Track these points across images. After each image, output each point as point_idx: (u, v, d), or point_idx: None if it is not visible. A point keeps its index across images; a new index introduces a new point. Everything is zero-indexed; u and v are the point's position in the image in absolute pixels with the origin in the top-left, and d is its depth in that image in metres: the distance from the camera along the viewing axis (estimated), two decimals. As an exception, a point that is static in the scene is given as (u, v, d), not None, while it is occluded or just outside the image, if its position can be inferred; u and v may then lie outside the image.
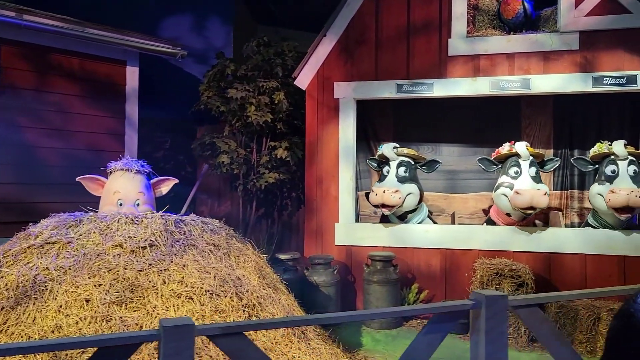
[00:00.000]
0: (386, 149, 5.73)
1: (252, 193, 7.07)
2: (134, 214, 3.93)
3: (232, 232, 4.47)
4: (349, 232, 5.87)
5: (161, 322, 1.80)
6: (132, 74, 6.25)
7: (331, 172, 5.97)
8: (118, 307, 3.32)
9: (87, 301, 3.30)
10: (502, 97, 5.80)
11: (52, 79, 5.73)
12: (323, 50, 5.99)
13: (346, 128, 5.92)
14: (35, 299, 3.29)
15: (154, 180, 4.46)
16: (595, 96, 5.93)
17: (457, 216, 6.60)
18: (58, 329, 3.17)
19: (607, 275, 5.16)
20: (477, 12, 5.90)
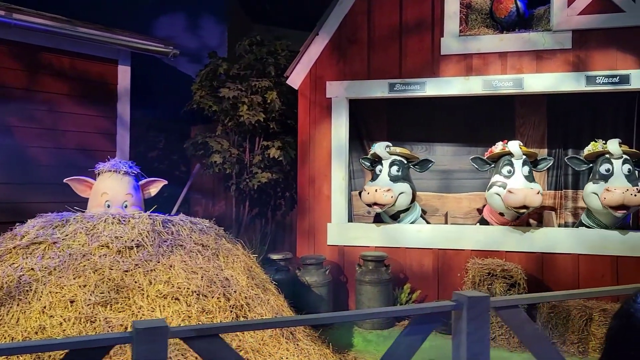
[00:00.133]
0: (379, 148, 5.70)
1: (245, 193, 7.04)
2: (121, 214, 3.90)
3: (221, 232, 4.44)
4: (341, 232, 5.84)
5: (134, 324, 1.77)
6: (124, 73, 6.22)
7: (324, 172, 5.94)
8: (103, 308, 3.29)
9: (71, 302, 3.26)
10: (496, 96, 5.77)
11: (43, 78, 5.69)
12: (315, 49, 5.97)
13: (338, 127, 5.89)
14: (20, 299, 3.26)
15: (142, 181, 4.43)
16: (589, 95, 5.91)
17: (451, 216, 6.58)
18: (42, 330, 3.14)
19: (600, 276, 5.14)
20: (470, 10, 5.87)
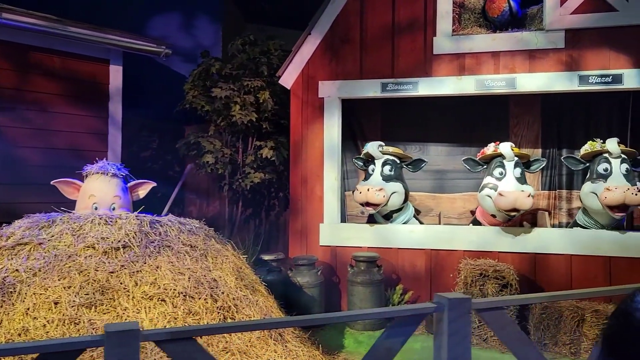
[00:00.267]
0: (371, 148, 5.67)
1: (238, 193, 7.01)
2: (108, 214, 3.87)
3: (211, 232, 4.40)
4: (333, 232, 5.81)
5: (106, 328, 1.74)
6: (116, 72, 6.18)
7: (316, 172, 5.91)
8: (87, 310, 3.26)
9: (55, 303, 3.23)
10: (490, 96, 5.74)
11: (34, 78, 5.66)
12: (307, 49, 5.94)
13: (331, 127, 5.86)
14: (3, 301, 3.23)
15: (131, 183, 4.40)
16: (583, 95, 5.89)
17: (445, 216, 6.55)
18: (25, 332, 3.11)
19: (592, 276, 5.11)
20: (463, 10, 5.85)
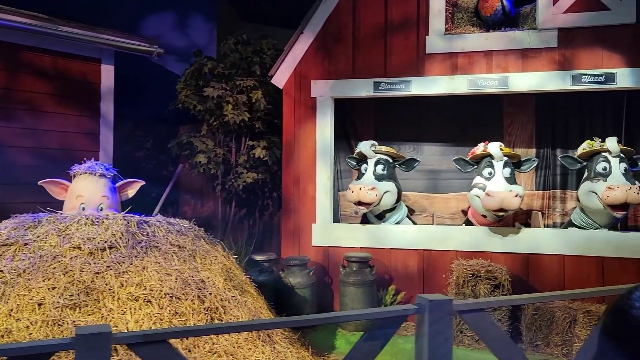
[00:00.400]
0: (364, 147, 5.64)
1: (231, 193, 6.98)
2: (95, 214, 3.84)
3: (201, 233, 4.38)
4: (326, 232, 5.78)
5: (76, 330, 1.71)
6: (108, 72, 6.15)
7: (308, 172, 5.88)
8: (72, 311, 3.22)
9: (39, 305, 3.20)
10: (484, 95, 5.71)
11: (24, 77, 5.63)
12: (300, 48, 5.91)
13: (323, 127, 5.83)
14: (-14, 302, 3.20)
15: (119, 183, 4.36)
16: (577, 94, 5.86)
17: (438, 216, 6.52)
18: (8, 333, 3.08)
19: (585, 277, 5.08)
20: (456, 9, 5.82)
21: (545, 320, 4.68)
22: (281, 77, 5.97)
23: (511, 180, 5.14)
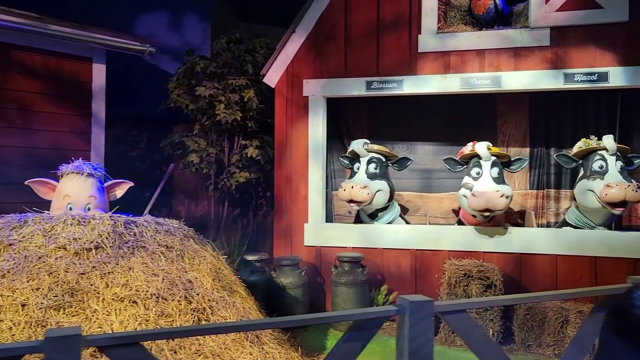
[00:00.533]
0: (356, 145, 5.61)
1: (224, 193, 6.95)
2: (81, 214, 3.81)
3: (190, 233, 4.34)
4: (318, 232, 5.75)
5: (46, 333, 1.68)
6: (99, 71, 6.12)
7: (300, 172, 5.85)
8: (56, 312, 3.19)
9: (23, 306, 3.17)
10: (477, 94, 5.67)
11: (14, 76, 5.60)
12: (292, 46, 5.87)
13: (315, 126, 5.80)
14: (-31, 303, 3.16)
15: (108, 183, 4.33)
16: (571, 93, 5.83)
17: (432, 216, 6.49)
18: (-10, 335, 3.05)
19: (578, 276, 5.06)
20: (449, 7, 5.79)
21: (537, 320, 4.65)
22: (273, 76, 5.93)
23: (499, 180, 5.10)
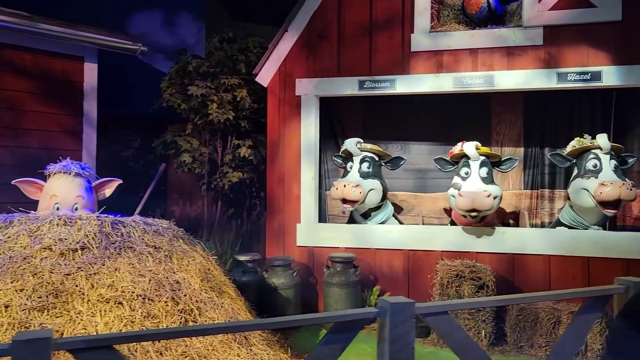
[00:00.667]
0: (349, 144, 5.58)
1: (217, 192, 6.91)
2: (68, 215, 3.77)
3: (180, 233, 4.31)
4: (310, 232, 5.72)
5: (15, 336, 1.64)
6: (91, 70, 6.07)
7: (293, 171, 5.81)
8: (39, 313, 3.16)
9: (6, 307, 3.13)
10: (472, 94, 5.64)
11: (4, 75, 5.56)
12: (284, 45, 5.84)
13: (308, 126, 5.77)
14: (-48, 305, 3.13)
15: (96, 182, 4.29)
16: (565, 93, 5.81)
17: (426, 216, 6.46)
18: (-28, 336, 3.01)
19: (570, 277, 5.03)
20: (442, 6, 5.75)
21: (529, 321, 4.62)
22: (266, 75, 5.90)
23: (488, 180, 5.06)
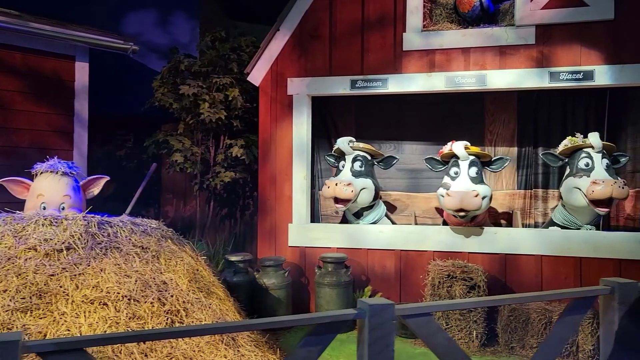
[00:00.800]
0: (342, 143, 5.55)
1: (210, 192, 6.88)
2: (54, 215, 3.74)
3: (168, 233, 4.28)
4: (302, 232, 5.69)
5: (-18, 339, 1.62)
6: (82, 69, 6.04)
7: (285, 171, 5.78)
8: (22, 314, 3.13)
9: (-12, 308, 3.11)
10: (465, 93, 5.61)
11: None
12: (276, 45, 5.81)
13: (300, 125, 5.74)
14: None
15: (83, 181, 4.26)
16: (559, 92, 5.79)
17: (419, 216, 6.43)
18: (-46, 338, 2.98)
19: (562, 277, 5.00)
20: (434, 5, 5.72)
21: (520, 322, 4.60)
22: (257, 74, 5.87)
23: (477, 180, 5.04)
